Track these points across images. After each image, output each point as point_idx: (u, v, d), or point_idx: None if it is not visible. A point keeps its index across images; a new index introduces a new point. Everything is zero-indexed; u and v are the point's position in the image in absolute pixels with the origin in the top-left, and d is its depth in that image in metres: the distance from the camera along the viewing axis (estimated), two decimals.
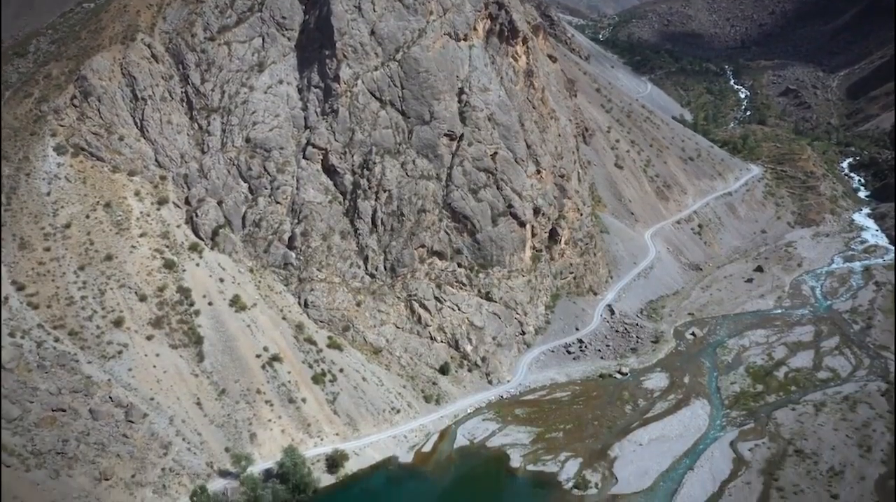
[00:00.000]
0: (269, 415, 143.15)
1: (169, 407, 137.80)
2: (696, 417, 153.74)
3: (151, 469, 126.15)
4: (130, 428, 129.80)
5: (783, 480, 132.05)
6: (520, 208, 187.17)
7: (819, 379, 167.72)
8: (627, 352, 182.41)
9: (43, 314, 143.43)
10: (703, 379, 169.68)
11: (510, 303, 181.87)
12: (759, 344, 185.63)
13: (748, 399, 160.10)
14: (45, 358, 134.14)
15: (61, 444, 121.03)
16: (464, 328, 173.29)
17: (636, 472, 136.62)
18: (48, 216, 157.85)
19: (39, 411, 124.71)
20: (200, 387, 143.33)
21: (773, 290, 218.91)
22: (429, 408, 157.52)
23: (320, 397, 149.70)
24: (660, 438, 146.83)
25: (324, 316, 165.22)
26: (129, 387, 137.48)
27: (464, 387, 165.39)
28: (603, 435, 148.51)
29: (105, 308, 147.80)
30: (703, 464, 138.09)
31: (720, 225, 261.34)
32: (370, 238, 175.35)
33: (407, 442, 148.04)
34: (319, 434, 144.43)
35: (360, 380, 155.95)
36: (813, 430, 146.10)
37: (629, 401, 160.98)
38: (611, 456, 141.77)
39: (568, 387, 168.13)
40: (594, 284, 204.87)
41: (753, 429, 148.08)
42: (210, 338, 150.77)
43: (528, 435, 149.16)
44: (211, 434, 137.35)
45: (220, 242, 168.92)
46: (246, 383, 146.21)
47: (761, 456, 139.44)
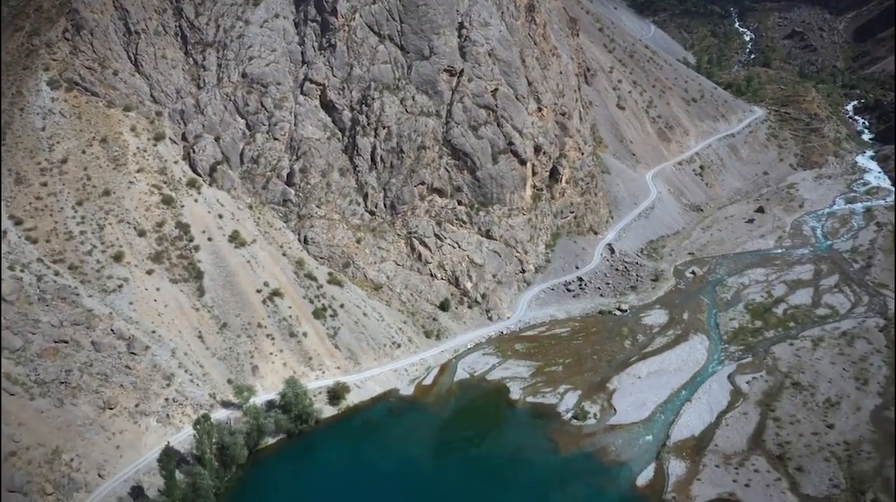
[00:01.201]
0: (270, 349, 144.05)
1: (171, 339, 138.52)
2: (694, 352, 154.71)
3: (155, 399, 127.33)
4: (133, 360, 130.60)
5: (780, 411, 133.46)
6: (520, 146, 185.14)
7: (818, 315, 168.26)
8: (627, 290, 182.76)
9: (42, 248, 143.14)
10: (702, 315, 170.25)
11: (510, 241, 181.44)
12: (759, 282, 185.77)
13: (747, 334, 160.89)
14: (45, 291, 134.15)
15: (64, 374, 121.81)
16: (464, 265, 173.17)
17: (634, 404, 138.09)
18: (44, 151, 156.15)
19: (42, 342, 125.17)
20: (201, 321, 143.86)
21: (774, 231, 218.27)
22: (429, 343, 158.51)
23: (321, 331, 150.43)
24: (658, 371, 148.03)
25: (324, 252, 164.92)
26: (131, 321, 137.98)
27: (464, 323, 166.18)
28: (602, 369, 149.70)
29: (104, 243, 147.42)
30: (700, 396, 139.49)
31: (722, 166, 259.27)
32: (369, 175, 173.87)
33: (408, 375, 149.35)
34: (321, 367, 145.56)
35: (361, 316, 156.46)
36: (810, 364, 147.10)
37: (628, 337, 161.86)
38: (609, 388, 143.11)
39: (567, 324, 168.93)
40: (594, 224, 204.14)
41: (751, 363, 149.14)
42: (210, 273, 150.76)
43: (527, 368, 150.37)
44: (213, 366, 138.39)
45: (218, 178, 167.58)
46: (247, 317, 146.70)
47: (759, 388, 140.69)
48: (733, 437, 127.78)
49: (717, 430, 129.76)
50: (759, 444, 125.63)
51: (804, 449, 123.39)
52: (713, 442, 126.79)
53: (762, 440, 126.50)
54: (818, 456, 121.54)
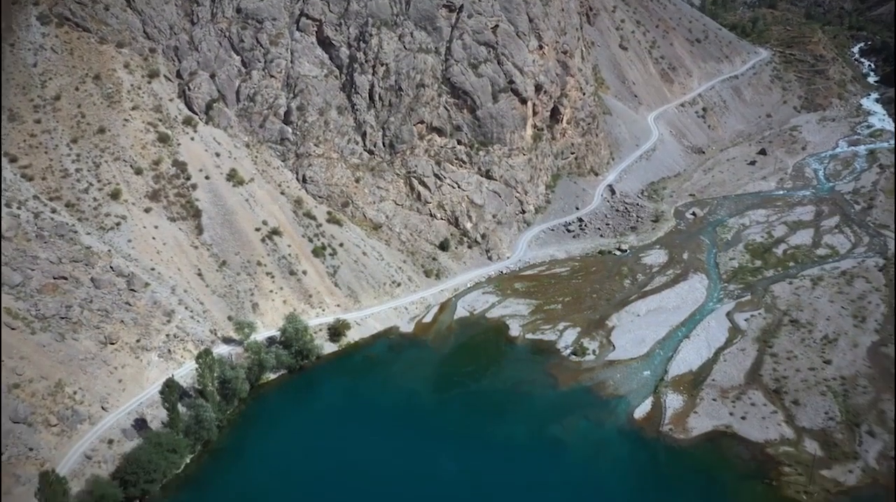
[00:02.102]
0: (270, 287, 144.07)
1: (170, 277, 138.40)
2: (693, 290, 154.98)
3: (156, 335, 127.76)
4: (133, 297, 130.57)
5: (777, 347, 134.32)
6: (521, 84, 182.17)
7: (817, 255, 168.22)
8: (627, 231, 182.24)
9: (38, 186, 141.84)
10: (701, 255, 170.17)
11: (510, 181, 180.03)
12: (760, 223, 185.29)
13: (746, 273, 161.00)
14: (43, 228, 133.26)
15: (65, 310, 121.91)
16: (463, 205, 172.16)
17: (633, 340, 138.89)
18: (36, 88, 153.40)
19: (41, 278, 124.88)
20: (201, 259, 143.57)
21: (776, 173, 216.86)
22: (429, 282, 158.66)
23: (321, 270, 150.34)
24: (657, 309, 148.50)
25: (322, 191, 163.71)
26: (130, 258, 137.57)
27: (463, 263, 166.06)
28: (601, 307, 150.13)
29: (101, 181, 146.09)
30: (699, 333, 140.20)
31: (725, 108, 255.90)
32: (368, 113, 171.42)
33: (408, 313, 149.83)
34: (321, 305, 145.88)
35: (361, 255, 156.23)
36: (809, 302, 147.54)
37: (628, 276, 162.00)
38: (608, 325, 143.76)
39: (567, 263, 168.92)
40: (595, 165, 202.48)
41: (750, 301, 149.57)
42: (208, 212, 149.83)
43: (527, 307, 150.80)
44: (213, 303, 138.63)
45: (214, 117, 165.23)
46: (246, 255, 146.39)
47: (757, 325, 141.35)
48: (731, 372, 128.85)
49: (715, 366, 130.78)
50: (756, 379, 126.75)
51: (801, 383, 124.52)
52: (710, 376, 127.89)
53: (759, 375, 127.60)
54: (814, 391, 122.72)
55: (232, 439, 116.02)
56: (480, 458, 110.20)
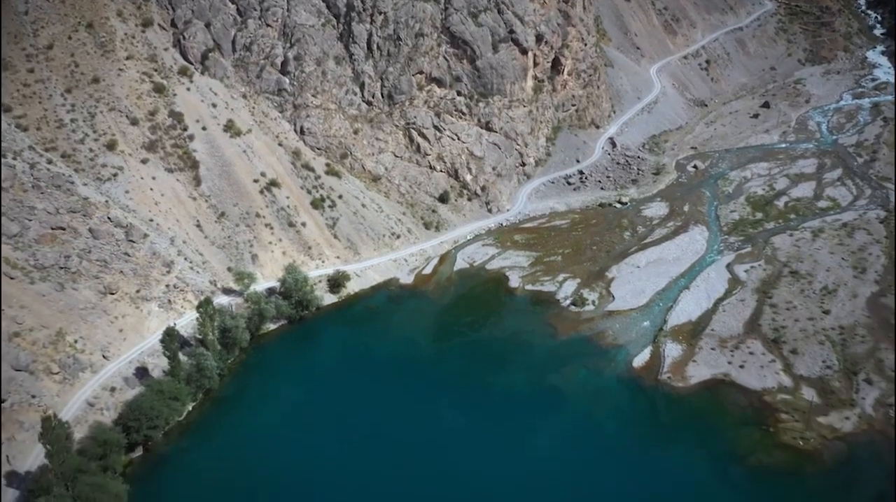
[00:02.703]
0: (269, 238, 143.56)
1: (169, 228, 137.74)
2: (693, 242, 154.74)
3: (155, 285, 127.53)
4: (132, 248, 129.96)
5: (776, 298, 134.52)
6: (521, 34, 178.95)
7: (819, 207, 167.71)
8: (628, 184, 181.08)
9: (33, 136, 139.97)
10: (702, 208, 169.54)
11: (510, 133, 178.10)
12: (761, 175, 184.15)
13: (747, 226, 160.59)
14: (39, 178, 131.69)
15: (63, 260, 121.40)
16: (463, 158, 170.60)
17: (632, 291, 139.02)
18: (28, 36, 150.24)
19: (38, 229, 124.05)
20: (199, 210, 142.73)
21: (779, 126, 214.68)
22: (428, 234, 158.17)
23: (320, 222, 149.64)
24: (657, 261, 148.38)
25: (321, 143, 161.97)
26: (128, 209, 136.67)
27: (463, 215, 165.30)
28: (601, 259, 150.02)
29: (96, 131, 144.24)
30: (698, 284, 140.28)
31: (728, 61, 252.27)
32: (366, 64, 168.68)
33: (407, 265, 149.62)
34: (320, 256, 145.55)
35: (360, 207, 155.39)
36: (809, 254, 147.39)
37: (628, 228, 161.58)
38: (608, 277, 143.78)
39: (567, 216, 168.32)
40: (596, 117, 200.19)
41: (750, 253, 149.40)
42: (206, 163, 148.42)
43: (526, 258, 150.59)
44: (212, 254, 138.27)
45: (210, 66, 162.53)
46: (245, 207, 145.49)
47: (756, 276, 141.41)
48: (730, 322, 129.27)
49: (714, 316, 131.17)
50: (755, 329, 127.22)
51: (799, 333, 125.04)
52: (710, 326, 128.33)
53: (758, 325, 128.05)
54: (813, 340, 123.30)
55: (233, 387, 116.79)
56: (480, 406, 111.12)
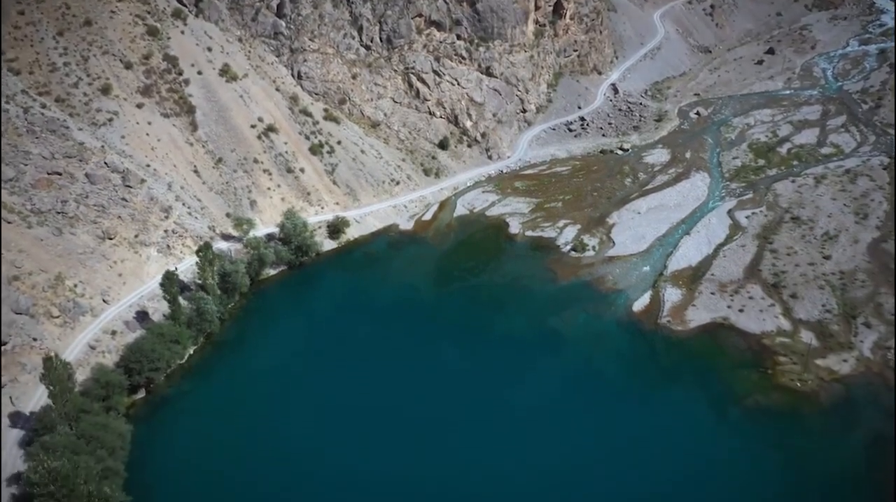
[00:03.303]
0: (267, 184, 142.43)
1: (166, 173, 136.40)
2: (695, 188, 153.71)
3: (154, 230, 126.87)
4: (129, 193, 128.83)
5: (777, 243, 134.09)
6: None
7: (822, 154, 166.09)
8: (630, 130, 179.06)
9: (26, 80, 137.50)
10: (704, 154, 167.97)
11: (511, 79, 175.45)
12: (765, 122, 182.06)
13: (749, 172, 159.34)
14: (33, 123, 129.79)
15: (60, 205, 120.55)
16: (463, 103, 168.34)
17: (633, 237, 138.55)
18: None
19: (34, 173, 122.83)
20: (196, 156, 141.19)
21: (783, 72, 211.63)
22: (428, 181, 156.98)
23: (319, 168, 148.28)
24: (658, 207, 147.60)
25: (318, 88, 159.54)
26: (124, 154, 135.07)
27: (463, 162, 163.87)
28: (602, 205, 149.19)
29: (90, 75, 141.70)
30: (699, 230, 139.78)
31: (734, 6, 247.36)
32: (364, 6, 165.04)
33: (407, 211, 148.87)
34: (319, 202, 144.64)
35: (359, 153, 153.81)
36: (811, 200, 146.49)
37: (629, 175, 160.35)
38: (609, 223, 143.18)
39: (568, 163, 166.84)
40: (599, 63, 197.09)
41: (752, 199, 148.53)
42: (202, 108, 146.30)
43: (527, 205, 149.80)
44: (211, 200, 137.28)
45: (204, 9, 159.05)
46: (242, 152, 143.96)
47: (758, 222, 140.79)
48: (730, 267, 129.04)
49: (715, 261, 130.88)
50: (755, 274, 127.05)
51: (799, 278, 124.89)
52: (710, 272, 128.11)
53: (758, 270, 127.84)
54: (813, 285, 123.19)
55: (234, 331, 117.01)
56: (480, 349, 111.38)
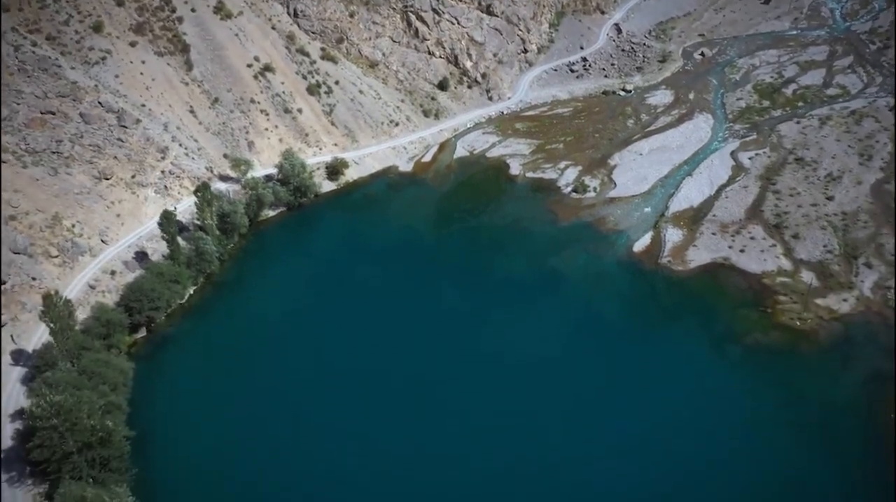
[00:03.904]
0: (265, 125, 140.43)
1: (161, 114, 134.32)
2: (698, 130, 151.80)
3: (151, 171, 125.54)
4: (124, 133, 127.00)
5: (780, 184, 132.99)
6: None
7: (828, 95, 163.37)
8: (632, 71, 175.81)
9: (15, 17, 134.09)
10: (708, 95, 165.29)
11: (512, 18, 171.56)
12: (770, 63, 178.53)
13: (753, 113, 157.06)
14: (24, 62, 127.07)
15: (55, 145, 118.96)
16: (463, 43, 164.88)
17: (635, 178, 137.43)
18: None
19: (27, 113, 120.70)
20: (192, 96, 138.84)
21: (791, 12, 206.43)
22: (428, 122, 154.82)
23: (316, 108, 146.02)
24: (660, 148, 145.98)
25: (315, 26, 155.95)
26: (118, 94, 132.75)
27: (463, 103, 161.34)
28: (603, 147, 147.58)
29: (81, 12, 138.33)
30: (701, 171, 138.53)
31: None
32: None
33: (406, 153, 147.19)
34: (318, 144, 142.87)
35: (357, 93, 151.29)
36: (815, 141, 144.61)
37: (631, 116, 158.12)
38: (610, 164, 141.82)
39: (570, 104, 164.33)
40: (602, 2, 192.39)
41: (755, 141, 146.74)
42: (197, 47, 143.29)
43: (527, 146, 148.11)
44: (208, 141, 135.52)
45: None
46: (239, 92, 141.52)
47: (761, 163, 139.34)
48: (732, 208, 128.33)
49: (716, 202, 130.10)
50: (757, 215, 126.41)
51: (801, 218, 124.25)
52: (711, 212, 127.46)
53: (760, 211, 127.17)
54: (815, 225, 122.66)
55: (234, 272, 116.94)
56: (480, 290, 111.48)
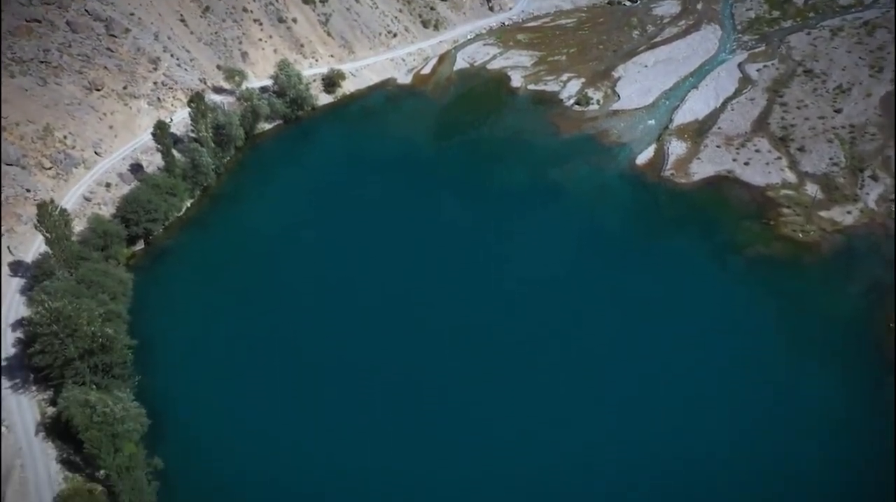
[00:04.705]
0: (259, 35, 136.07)
1: (152, 23, 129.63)
2: (705, 41, 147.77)
3: (143, 82, 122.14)
4: (114, 43, 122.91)
5: (788, 97, 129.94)
6: None
7: (839, 5, 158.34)
8: None
9: None
10: (716, 6, 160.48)
11: None
12: None
13: (763, 24, 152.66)
14: None
15: (43, 54, 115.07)
16: None
17: (639, 90, 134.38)
18: None
19: (12, 21, 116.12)
20: (182, 4, 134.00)
21: None
22: (427, 33, 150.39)
23: (312, 18, 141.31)
24: (666, 60, 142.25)
25: None
26: (105, 2, 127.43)
27: (463, 14, 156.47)
28: (607, 58, 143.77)
29: None
30: (707, 83, 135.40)
31: None
32: None
33: (405, 64, 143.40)
34: (314, 55, 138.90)
35: (353, 2, 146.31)
36: (826, 52, 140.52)
37: (637, 27, 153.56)
38: (614, 76, 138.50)
39: (573, 14, 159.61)
40: None
41: (764, 52, 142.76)
42: None
43: (529, 58, 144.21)
44: (200, 51, 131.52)
45: None
46: (230, 1, 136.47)
47: (769, 75, 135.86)
48: (737, 121, 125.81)
49: (722, 115, 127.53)
50: (763, 127, 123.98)
51: (808, 131, 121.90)
52: (716, 125, 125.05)
53: (767, 123, 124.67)
54: (821, 138, 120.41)
55: (231, 185, 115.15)
56: (480, 202, 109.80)
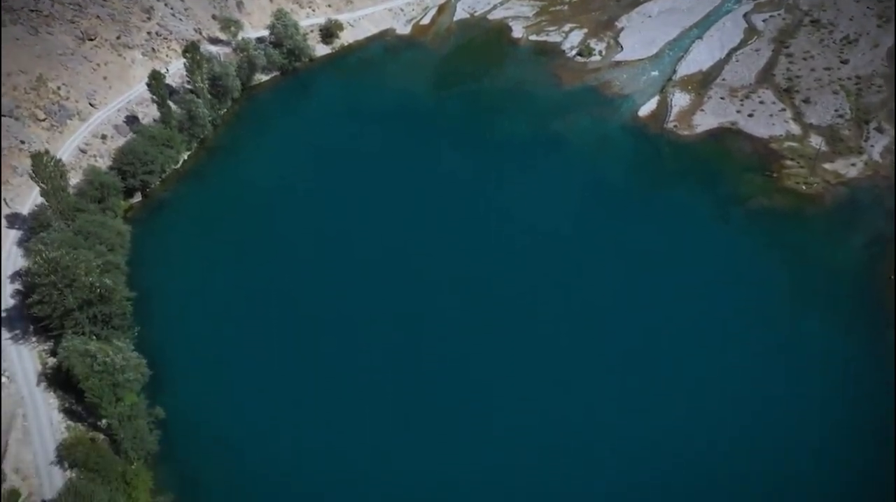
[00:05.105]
0: None
1: None
2: None
3: (136, 32, 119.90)
4: None
5: (794, 47, 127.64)
6: None
7: None
8: None
9: None
10: None
11: None
12: None
13: None
14: None
15: (34, 2, 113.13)
16: None
17: (642, 41, 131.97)
18: None
19: None
20: None
21: None
22: None
23: None
24: (670, 10, 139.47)
25: None
26: None
27: None
28: (610, 8, 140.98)
29: None
30: (712, 34, 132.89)
31: None
32: None
33: (404, 15, 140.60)
34: (311, 5, 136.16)
35: None
36: (833, 2, 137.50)
37: None
38: (617, 26, 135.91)
39: None
40: None
41: (770, 2, 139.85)
42: None
43: (531, 8, 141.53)
44: (195, 1, 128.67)
45: None
46: None
47: (775, 26, 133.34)
48: (742, 72, 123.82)
49: (727, 66, 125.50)
50: (768, 79, 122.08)
51: (814, 83, 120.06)
52: (721, 76, 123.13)
53: (772, 75, 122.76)
54: (827, 90, 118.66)
55: (228, 137, 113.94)
56: (480, 153, 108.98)
